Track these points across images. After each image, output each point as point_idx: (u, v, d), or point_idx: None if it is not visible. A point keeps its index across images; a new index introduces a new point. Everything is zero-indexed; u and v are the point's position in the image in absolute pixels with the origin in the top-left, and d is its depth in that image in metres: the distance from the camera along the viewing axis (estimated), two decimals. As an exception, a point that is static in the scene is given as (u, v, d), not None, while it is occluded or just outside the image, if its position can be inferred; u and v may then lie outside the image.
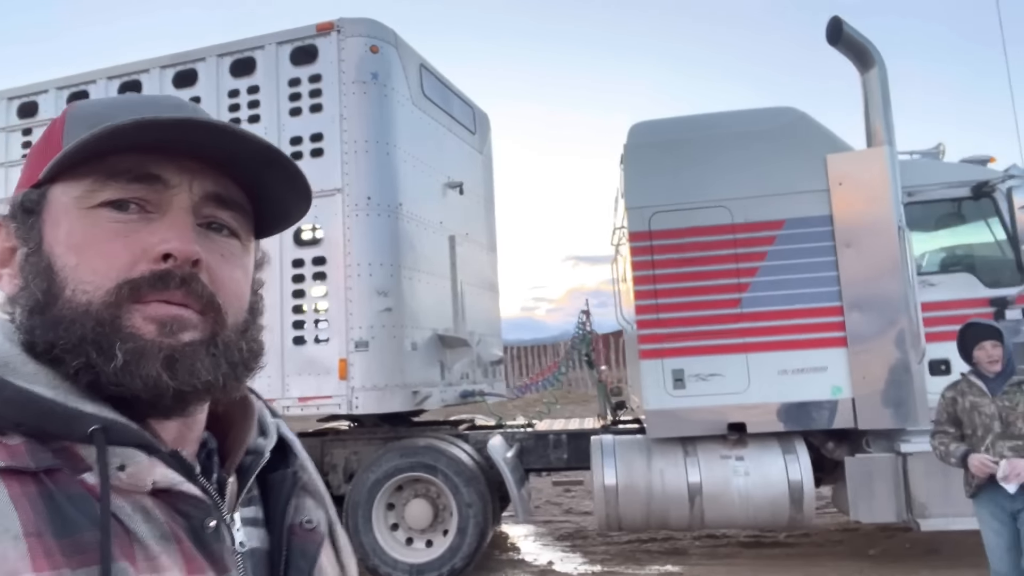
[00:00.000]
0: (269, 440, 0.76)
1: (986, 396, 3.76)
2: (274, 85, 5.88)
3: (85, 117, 0.68)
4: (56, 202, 0.66)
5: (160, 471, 0.62)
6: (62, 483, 0.58)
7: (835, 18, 5.23)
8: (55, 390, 0.61)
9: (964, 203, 5.62)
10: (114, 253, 0.64)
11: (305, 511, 0.75)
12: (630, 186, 5.70)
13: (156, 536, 0.60)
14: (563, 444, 6.17)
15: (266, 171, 0.70)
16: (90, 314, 0.62)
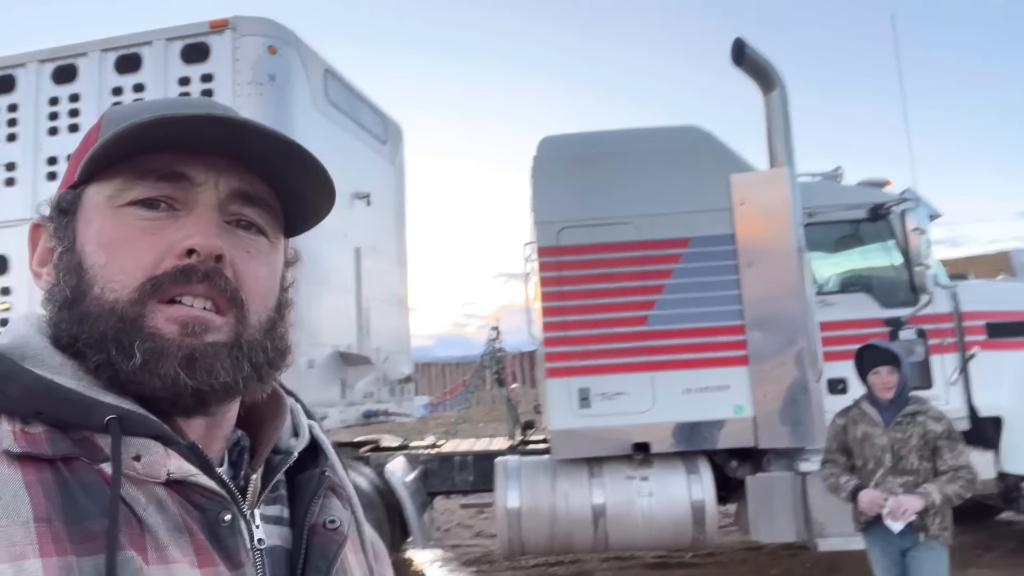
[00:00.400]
0: (300, 441, 0.77)
1: (878, 426, 3.56)
2: (162, 83, 5.50)
3: (117, 120, 0.70)
4: (89, 202, 0.69)
5: (175, 462, 0.63)
6: (79, 472, 0.59)
7: (738, 39, 5.28)
8: (79, 382, 0.63)
9: (861, 225, 5.75)
10: (141, 251, 0.65)
11: (330, 511, 0.75)
12: (538, 200, 5.59)
13: (168, 527, 0.61)
14: (469, 466, 5.96)
15: (290, 167, 0.70)
16: (115, 311, 0.64)
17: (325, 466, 0.78)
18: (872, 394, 3.66)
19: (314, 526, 0.73)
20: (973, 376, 5.51)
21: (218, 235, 0.67)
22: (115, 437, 0.60)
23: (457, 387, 8.09)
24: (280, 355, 0.72)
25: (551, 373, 5.38)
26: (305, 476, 0.76)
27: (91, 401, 0.62)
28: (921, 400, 3.66)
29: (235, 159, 0.69)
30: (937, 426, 3.48)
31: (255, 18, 5.50)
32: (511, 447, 6.13)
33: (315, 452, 0.79)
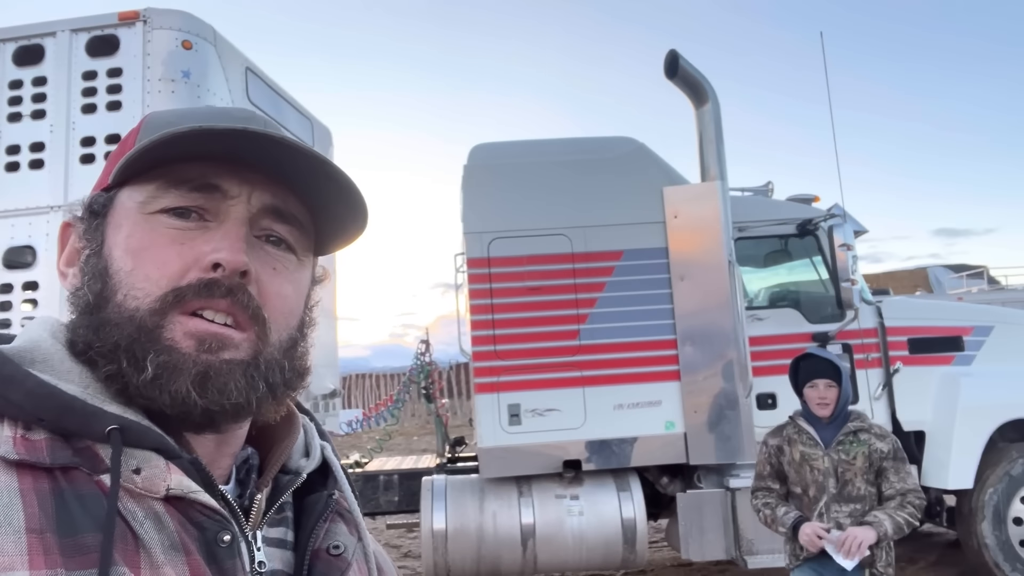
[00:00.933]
0: (311, 462, 0.75)
1: (818, 447, 3.15)
2: (65, 78, 5.13)
3: (158, 125, 0.69)
4: (121, 206, 0.68)
5: (176, 478, 0.61)
6: (77, 482, 0.57)
7: (672, 52, 5.25)
8: (84, 389, 0.61)
9: (790, 240, 5.78)
10: (168, 261, 0.64)
11: (335, 536, 0.73)
12: (468, 210, 5.42)
13: (164, 545, 0.59)
14: (394, 486, 5.72)
15: (325, 187, 0.70)
16: (134, 320, 0.63)
17: (334, 489, 0.76)
18: (808, 410, 3.28)
19: (317, 551, 0.71)
20: (897, 391, 5.59)
21: (245, 250, 0.66)
22: (115, 448, 0.59)
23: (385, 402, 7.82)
24: (298, 375, 0.71)
25: (480, 389, 5.20)
26: (312, 499, 0.74)
27: (93, 409, 0.60)
28: (862, 416, 3.28)
29: (270, 174, 0.68)
30: (882, 444, 3.11)
31: (169, 10, 5.18)
32: (439, 465, 5.92)
33: (325, 474, 0.77)
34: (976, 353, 5.77)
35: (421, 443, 14.52)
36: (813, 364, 3.28)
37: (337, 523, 0.74)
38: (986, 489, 5.25)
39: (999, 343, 5.81)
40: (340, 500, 0.76)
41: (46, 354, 0.63)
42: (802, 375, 3.32)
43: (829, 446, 3.18)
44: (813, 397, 3.26)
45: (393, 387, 19.29)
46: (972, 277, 15.59)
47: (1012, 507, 5.23)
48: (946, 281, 16.01)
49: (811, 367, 3.28)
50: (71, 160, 4.99)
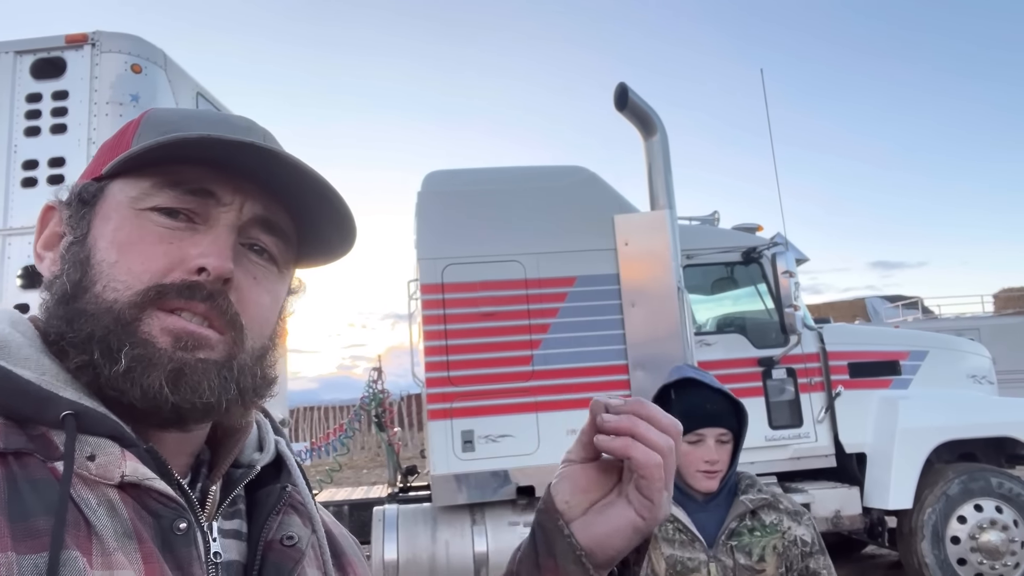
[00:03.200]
0: (264, 455, 0.76)
1: (698, 545, 1.92)
2: (7, 99, 5.00)
3: (159, 123, 0.70)
4: (111, 198, 0.68)
5: (131, 465, 0.61)
6: (31, 468, 0.57)
7: (621, 84, 5.41)
8: (41, 375, 0.60)
9: (736, 267, 5.96)
10: (154, 257, 0.65)
11: (288, 527, 0.72)
12: (422, 236, 5.44)
13: (117, 532, 0.58)
14: (344, 517, 5.62)
15: (318, 206, 0.71)
16: (112, 311, 0.63)
17: (287, 482, 0.76)
18: (681, 484, 2.00)
19: (270, 542, 0.71)
20: (839, 414, 5.76)
21: (231, 258, 0.67)
22: (69, 434, 0.59)
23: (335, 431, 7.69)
24: (266, 383, 0.71)
25: (433, 415, 5.18)
26: (265, 491, 0.74)
27: (47, 395, 0.59)
28: (754, 480, 2.05)
29: (264, 185, 0.69)
30: (802, 531, 1.94)
31: (118, 34, 5.12)
32: (391, 495, 5.84)
33: (278, 468, 0.77)
34: (912, 377, 6.01)
35: (371, 476, 14.26)
36: (696, 399, 1.96)
37: (291, 515, 0.74)
38: (925, 509, 5.42)
39: (934, 367, 6.06)
40: (294, 493, 0.76)
41: (3, 342, 0.63)
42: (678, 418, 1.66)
43: (715, 543, 1.92)
44: (695, 460, 1.94)
45: (342, 419, 18.96)
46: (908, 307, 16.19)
47: (950, 526, 5.40)
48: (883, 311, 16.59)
49: (693, 404, 1.95)
50: (12, 183, 4.85)
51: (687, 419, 1.69)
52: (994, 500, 5.42)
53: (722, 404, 1.97)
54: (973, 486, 5.46)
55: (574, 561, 0.69)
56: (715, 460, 1.94)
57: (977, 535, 5.35)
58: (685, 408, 1.91)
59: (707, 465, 1.94)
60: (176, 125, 0.69)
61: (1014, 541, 5.34)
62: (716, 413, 1.96)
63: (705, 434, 1.96)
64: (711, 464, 1.94)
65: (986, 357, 6.41)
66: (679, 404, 1.94)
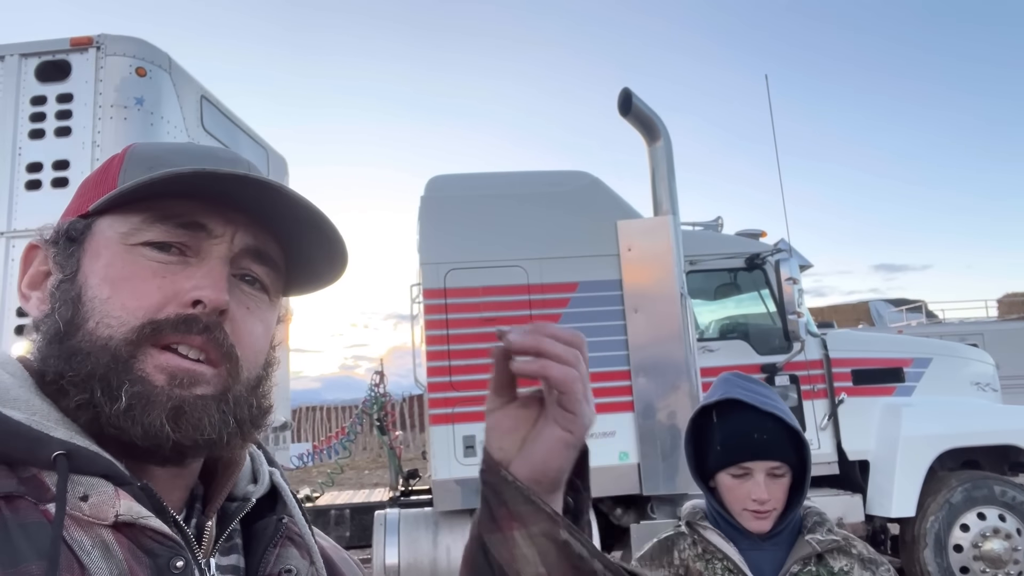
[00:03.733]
0: (259, 487, 0.75)
1: None
2: (12, 102, 5.02)
3: (144, 159, 0.70)
4: (100, 235, 0.67)
5: (126, 503, 0.59)
6: (22, 511, 0.56)
7: (625, 90, 5.40)
8: (32, 415, 0.59)
9: (739, 273, 5.94)
10: (147, 292, 0.65)
11: (286, 560, 0.72)
12: (425, 241, 5.44)
13: (112, 574, 0.57)
14: (346, 520, 5.62)
15: (309, 236, 0.71)
16: (108, 349, 0.62)
17: (283, 514, 0.76)
18: (721, 511, 1.68)
19: (268, 575, 0.71)
20: (842, 421, 5.74)
21: (226, 290, 0.66)
22: (61, 474, 0.57)
23: (337, 434, 7.69)
24: (263, 413, 0.71)
25: (435, 420, 5.18)
26: (262, 524, 0.74)
27: (39, 435, 0.58)
28: (822, 517, 1.69)
29: (255, 216, 0.69)
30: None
31: (123, 37, 5.13)
32: (392, 498, 5.84)
33: (274, 499, 0.77)
34: (916, 384, 5.99)
35: (372, 477, 14.27)
36: (740, 425, 1.64)
37: (288, 547, 0.74)
38: (927, 517, 5.41)
39: (937, 374, 6.04)
40: (290, 525, 0.76)
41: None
42: (720, 447, 1.65)
43: None
44: (741, 497, 1.63)
45: (344, 420, 18.96)
46: (911, 311, 16.15)
47: (952, 534, 5.39)
48: (887, 315, 16.55)
49: (736, 431, 1.64)
50: (16, 186, 4.86)
51: (729, 450, 1.64)
52: (997, 508, 5.40)
53: (775, 431, 1.62)
54: (976, 494, 5.44)
55: (524, 501, 0.69)
56: (765, 499, 1.61)
57: (980, 543, 5.34)
58: (726, 435, 1.65)
59: (755, 504, 1.62)
60: (161, 160, 0.68)
61: (1017, 550, 5.32)
62: (766, 443, 1.61)
63: (752, 468, 1.63)
64: (760, 503, 1.62)
65: (990, 364, 6.39)
66: (721, 430, 1.66)
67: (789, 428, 1.63)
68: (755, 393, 1.66)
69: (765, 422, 1.62)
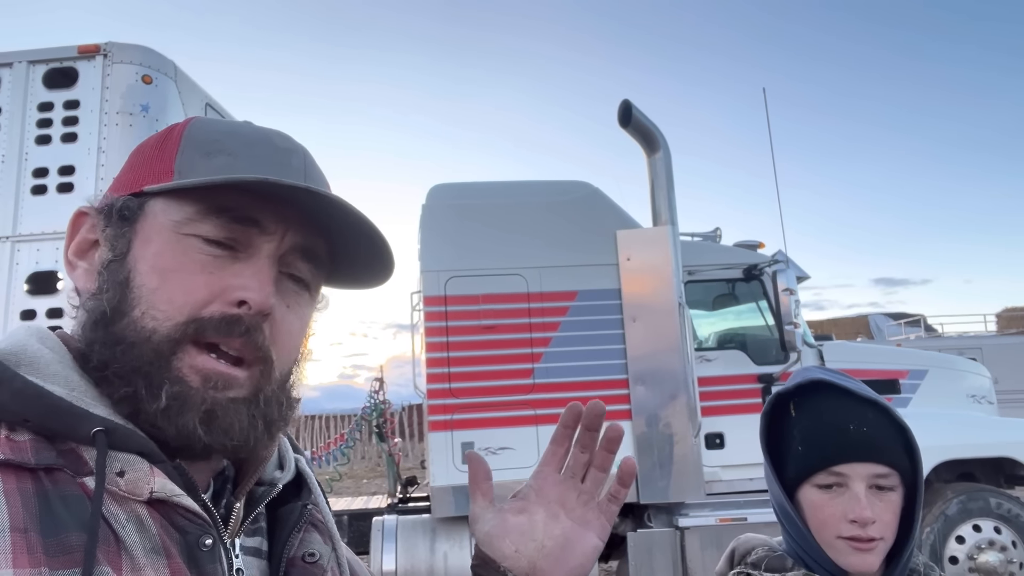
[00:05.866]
0: (286, 473, 0.76)
1: None
2: (20, 108, 5.08)
3: (202, 143, 0.69)
4: (153, 218, 0.67)
5: (160, 481, 0.61)
6: (61, 483, 0.58)
7: (625, 102, 5.47)
8: (71, 391, 0.61)
9: (737, 284, 5.99)
10: (195, 287, 0.65)
11: (309, 544, 0.74)
12: (426, 248, 5.49)
13: (146, 548, 0.59)
14: (344, 527, 5.62)
15: (356, 237, 0.71)
16: (151, 342, 0.63)
17: (308, 500, 0.77)
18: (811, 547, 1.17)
19: (292, 559, 0.72)
20: (838, 432, 5.76)
21: (273, 292, 0.67)
22: (100, 450, 0.59)
23: (336, 440, 7.72)
24: (291, 408, 0.72)
25: (434, 427, 5.21)
26: (287, 509, 0.75)
27: (80, 411, 0.60)
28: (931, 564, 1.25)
29: (306, 214, 0.69)
30: None
31: (130, 45, 5.21)
32: (390, 505, 5.86)
33: (299, 486, 0.78)
34: (912, 396, 6.02)
35: (371, 486, 14.25)
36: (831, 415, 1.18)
37: (311, 533, 0.75)
38: (923, 529, 5.42)
39: (933, 386, 6.07)
40: (314, 511, 0.77)
41: (32, 357, 0.63)
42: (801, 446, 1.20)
43: None
44: (834, 516, 1.15)
45: (343, 428, 18.95)
46: (910, 325, 16.18)
47: (948, 546, 5.40)
48: (886, 328, 16.58)
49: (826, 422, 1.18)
50: (22, 191, 4.91)
51: (815, 449, 1.16)
52: (993, 520, 5.42)
53: (878, 424, 1.14)
54: (972, 506, 5.45)
55: None
56: (868, 519, 1.11)
57: (975, 555, 5.35)
58: (811, 429, 1.18)
59: (854, 528, 1.12)
60: (219, 145, 0.68)
61: (1012, 562, 5.34)
62: (868, 439, 1.13)
63: (848, 474, 1.13)
64: (862, 525, 1.11)
65: (986, 377, 6.43)
66: (802, 421, 1.20)
67: (897, 424, 1.15)
68: (850, 380, 1.20)
69: (865, 411, 1.15)
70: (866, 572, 1.13)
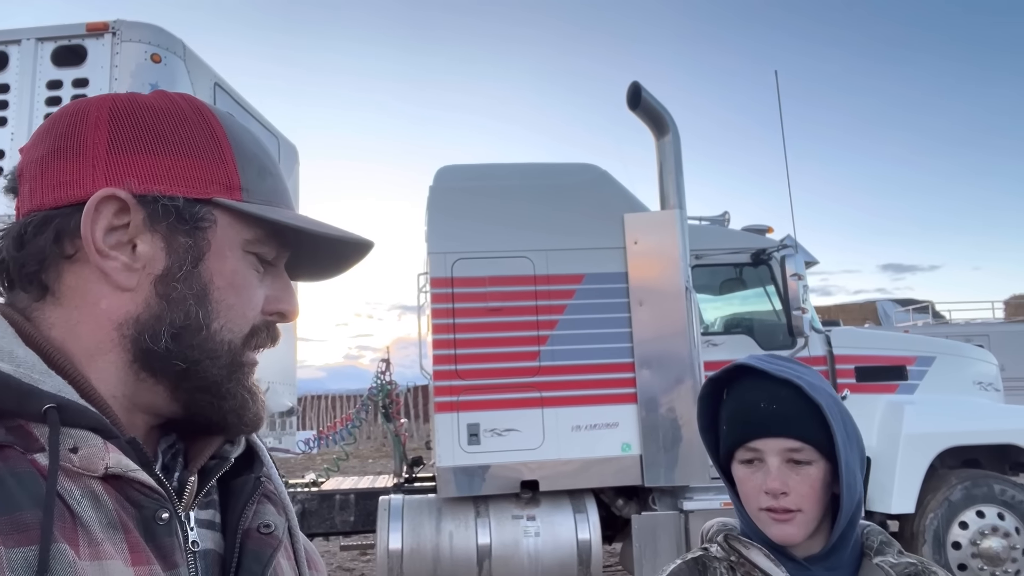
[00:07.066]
0: (236, 447, 0.77)
1: None
2: (29, 85, 5.08)
3: (252, 157, 0.72)
4: (223, 232, 0.70)
5: (114, 456, 0.61)
6: (12, 461, 0.57)
7: (635, 84, 5.42)
8: (17, 367, 0.60)
9: (744, 268, 5.97)
10: (255, 303, 0.72)
11: (264, 516, 0.75)
12: (433, 230, 5.49)
13: (103, 523, 0.59)
14: (350, 505, 5.68)
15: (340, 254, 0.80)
16: (231, 351, 0.70)
17: (260, 472, 0.79)
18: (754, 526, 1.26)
19: (248, 530, 0.73)
20: (844, 417, 5.76)
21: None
22: (53, 427, 0.59)
23: (343, 420, 7.77)
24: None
25: (440, 408, 5.23)
26: (239, 481, 0.77)
27: (29, 388, 0.59)
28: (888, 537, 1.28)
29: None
30: None
31: (139, 23, 5.19)
32: (396, 485, 5.90)
33: (250, 459, 0.80)
34: (919, 382, 6.01)
35: (376, 466, 14.36)
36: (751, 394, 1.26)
37: (265, 504, 0.77)
38: (927, 514, 5.44)
39: (940, 373, 6.06)
40: (267, 483, 0.79)
41: None
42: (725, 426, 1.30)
43: None
44: (754, 489, 1.24)
45: (349, 409, 19.07)
46: (918, 312, 16.12)
47: (951, 532, 5.42)
48: (894, 315, 16.52)
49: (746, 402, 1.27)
50: (31, 168, 4.93)
51: (736, 427, 1.26)
52: (996, 507, 5.43)
53: (792, 403, 1.21)
54: (976, 492, 5.46)
55: None
56: (776, 490, 1.19)
57: (979, 541, 5.37)
58: (733, 410, 1.28)
59: (768, 499, 1.20)
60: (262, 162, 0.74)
61: (1015, 548, 5.35)
62: (777, 416, 1.21)
63: (762, 449, 1.22)
64: (774, 496, 1.19)
65: (993, 364, 6.41)
66: (729, 404, 1.30)
67: (812, 401, 1.20)
68: (771, 362, 1.26)
69: (779, 390, 1.21)
70: (789, 543, 1.22)
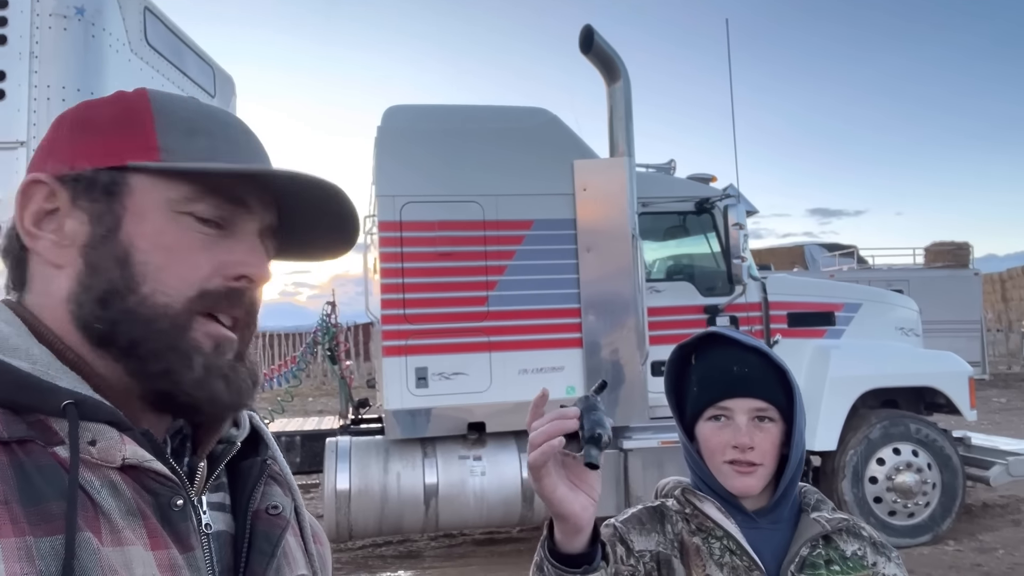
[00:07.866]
0: (241, 431, 0.78)
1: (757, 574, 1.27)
2: (-62, 4, 4.66)
3: (180, 120, 0.71)
4: (142, 195, 0.68)
5: (130, 448, 0.64)
6: (34, 454, 0.60)
7: (587, 27, 5.36)
8: (33, 365, 0.63)
9: (688, 216, 6.09)
10: (200, 264, 0.69)
11: (271, 497, 0.77)
12: (381, 173, 5.39)
13: (122, 511, 0.62)
14: (296, 447, 5.70)
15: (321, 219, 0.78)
16: (168, 317, 0.67)
17: (265, 455, 0.80)
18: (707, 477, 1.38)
19: (257, 512, 0.75)
20: (776, 361, 6.05)
21: (267, 264, 0.73)
22: (72, 422, 0.61)
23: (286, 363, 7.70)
24: (258, 368, 0.77)
25: (388, 352, 5.24)
26: (246, 464, 0.78)
27: (48, 386, 0.62)
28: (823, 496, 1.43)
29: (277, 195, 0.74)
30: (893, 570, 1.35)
31: (61, -60, 4.79)
32: (343, 426, 5.94)
33: (254, 442, 0.81)
34: (845, 328, 6.34)
35: (317, 404, 14.36)
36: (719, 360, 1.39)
37: (272, 486, 0.79)
38: (847, 451, 5.82)
39: (865, 319, 6.40)
40: (272, 465, 0.81)
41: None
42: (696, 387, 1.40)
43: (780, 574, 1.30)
44: (720, 445, 1.35)
45: (287, 347, 18.87)
46: (843, 256, 16.76)
47: (869, 467, 5.82)
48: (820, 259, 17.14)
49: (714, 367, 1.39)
50: (-54, 96, 4.57)
51: (706, 388, 1.37)
52: (911, 444, 5.85)
53: (759, 368, 1.35)
54: (893, 431, 5.86)
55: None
56: (746, 444, 1.31)
57: (894, 476, 5.79)
58: (704, 374, 1.40)
59: (736, 452, 1.32)
60: (197, 124, 0.72)
61: (927, 483, 5.80)
62: (747, 378, 1.35)
63: (732, 407, 1.34)
64: (742, 450, 1.31)
65: (914, 310, 6.79)
66: (699, 368, 1.41)
67: (777, 367, 1.36)
68: (738, 334, 1.45)
69: (749, 357, 1.36)
70: (749, 494, 1.35)
